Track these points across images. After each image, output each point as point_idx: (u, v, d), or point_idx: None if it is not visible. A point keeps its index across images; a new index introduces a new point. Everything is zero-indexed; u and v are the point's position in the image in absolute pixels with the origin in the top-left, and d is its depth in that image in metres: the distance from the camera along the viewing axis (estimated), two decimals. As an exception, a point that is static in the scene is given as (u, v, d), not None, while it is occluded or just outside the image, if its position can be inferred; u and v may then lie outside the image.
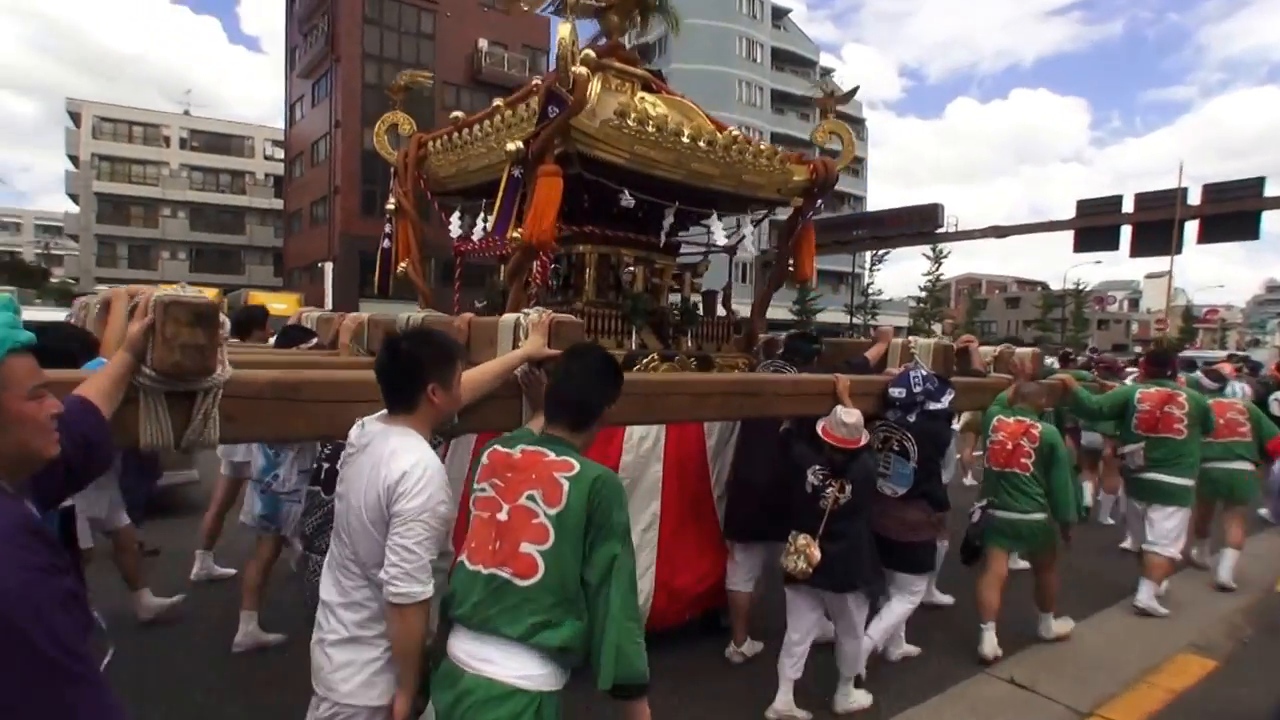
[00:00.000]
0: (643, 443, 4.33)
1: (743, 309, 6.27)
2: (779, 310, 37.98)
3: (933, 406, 4.37)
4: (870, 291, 44.73)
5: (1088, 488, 8.35)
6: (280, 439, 3.45)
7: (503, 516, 2.08)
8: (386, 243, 5.73)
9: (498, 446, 2.22)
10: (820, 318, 41.63)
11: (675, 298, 5.52)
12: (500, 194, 4.03)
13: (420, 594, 2.00)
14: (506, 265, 4.28)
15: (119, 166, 49.54)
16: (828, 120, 5.33)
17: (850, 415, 3.85)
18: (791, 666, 3.97)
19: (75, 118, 49.69)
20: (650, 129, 4.23)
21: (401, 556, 1.99)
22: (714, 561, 4.68)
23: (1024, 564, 5.54)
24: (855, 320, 42.47)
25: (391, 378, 2.18)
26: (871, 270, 44.65)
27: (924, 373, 4.46)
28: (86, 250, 47.32)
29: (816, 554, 3.74)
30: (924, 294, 46.36)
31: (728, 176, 4.71)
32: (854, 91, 5.42)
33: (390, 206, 5.52)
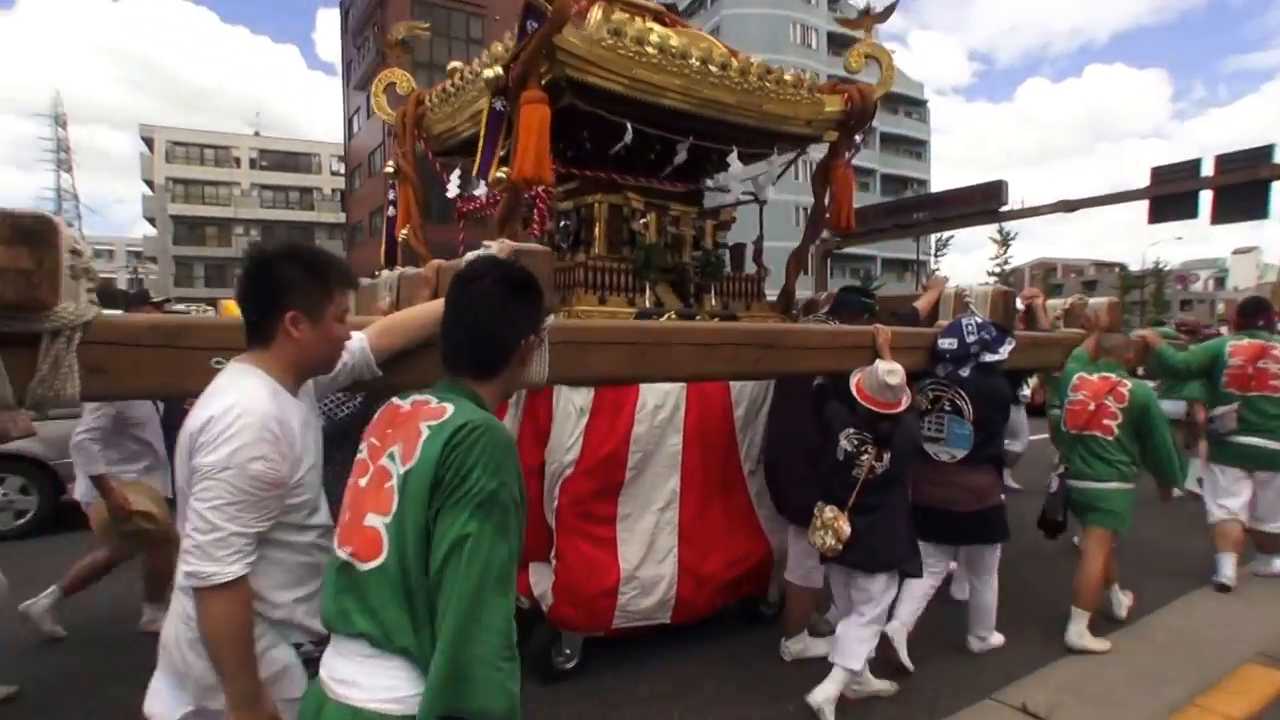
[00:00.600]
0: (658, 412, 3.82)
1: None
2: (839, 297, 36.90)
3: (989, 358, 3.76)
4: (937, 275, 43.11)
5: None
6: (165, 395, 2.95)
7: (364, 482, 1.57)
8: (392, 210, 5.36)
9: (394, 399, 1.70)
10: (884, 305, 40.27)
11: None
12: (482, 130, 3.56)
13: (215, 575, 1.53)
14: (495, 213, 3.80)
15: (192, 189, 51.39)
16: (863, 42, 4.70)
17: (894, 375, 3.28)
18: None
19: (149, 143, 51.71)
20: (650, 50, 3.71)
21: (195, 525, 1.55)
22: (749, 543, 4.16)
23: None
24: None
25: (244, 300, 1.70)
26: (936, 255, 42.96)
27: (979, 320, 3.85)
28: (165, 271, 49.17)
29: (846, 528, 3.24)
30: (993, 279, 44.44)
31: (747, 106, 4.15)
32: (892, 8, 4.78)
33: (389, 170, 5.13)
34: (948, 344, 3.81)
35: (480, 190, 4.31)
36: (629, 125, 3.79)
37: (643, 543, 3.82)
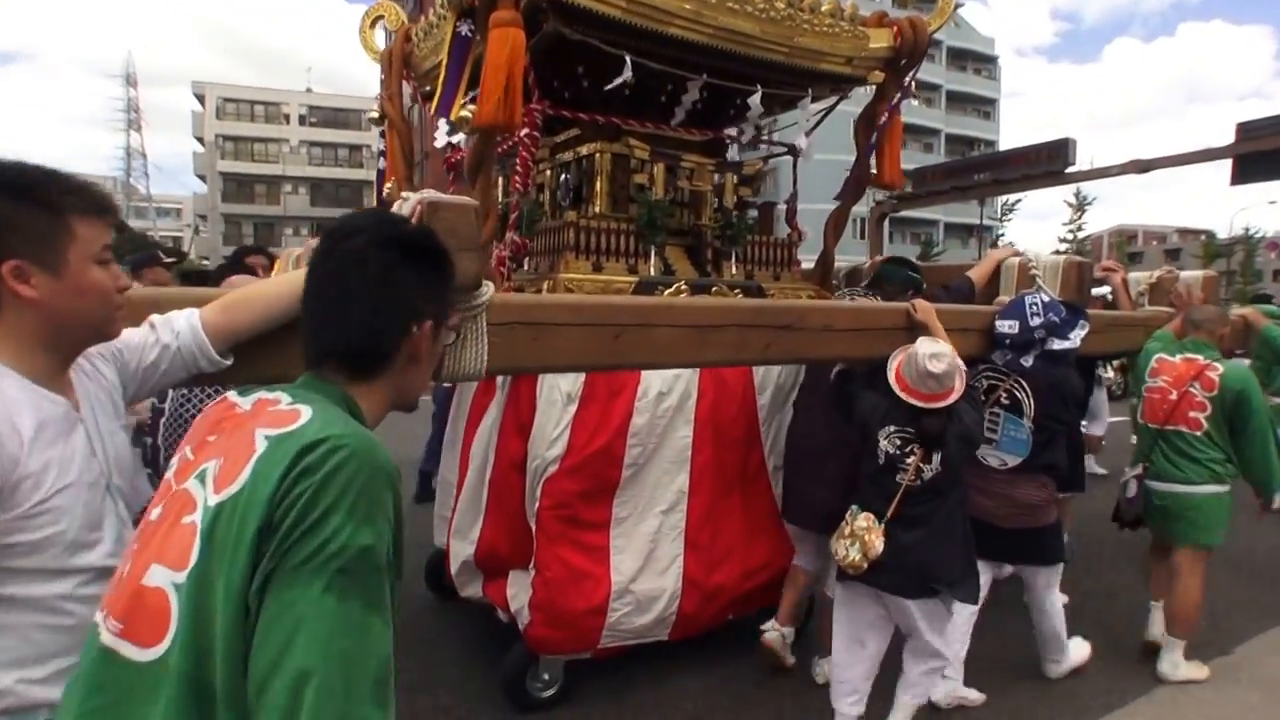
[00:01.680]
0: (663, 400, 3.33)
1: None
2: (898, 264, 35.61)
3: (1057, 345, 3.13)
4: (1002, 244, 41.10)
5: None
6: None
7: (156, 514, 1.05)
8: (382, 162, 4.88)
9: (229, 394, 1.19)
10: (945, 272, 38.71)
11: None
12: (444, 59, 3.04)
13: None
14: (465, 163, 3.29)
15: (242, 145, 51.69)
16: (917, -37, 4.02)
17: (938, 360, 2.67)
18: (850, 702, 2.87)
19: (201, 100, 52.09)
20: (653, -36, 3.11)
21: None
22: (771, 550, 3.67)
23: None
24: None
25: None
26: (1002, 220, 40.97)
27: (1045, 298, 3.20)
28: (214, 229, 49.73)
29: (877, 544, 2.65)
30: (1065, 246, 42.21)
31: (774, 39, 3.53)
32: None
33: (374, 115, 4.62)
34: (1008, 327, 3.19)
35: (460, 138, 3.80)
36: (628, 58, 3.21)
37: (641, 551, 3.35)
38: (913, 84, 4.33)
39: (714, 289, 3.74)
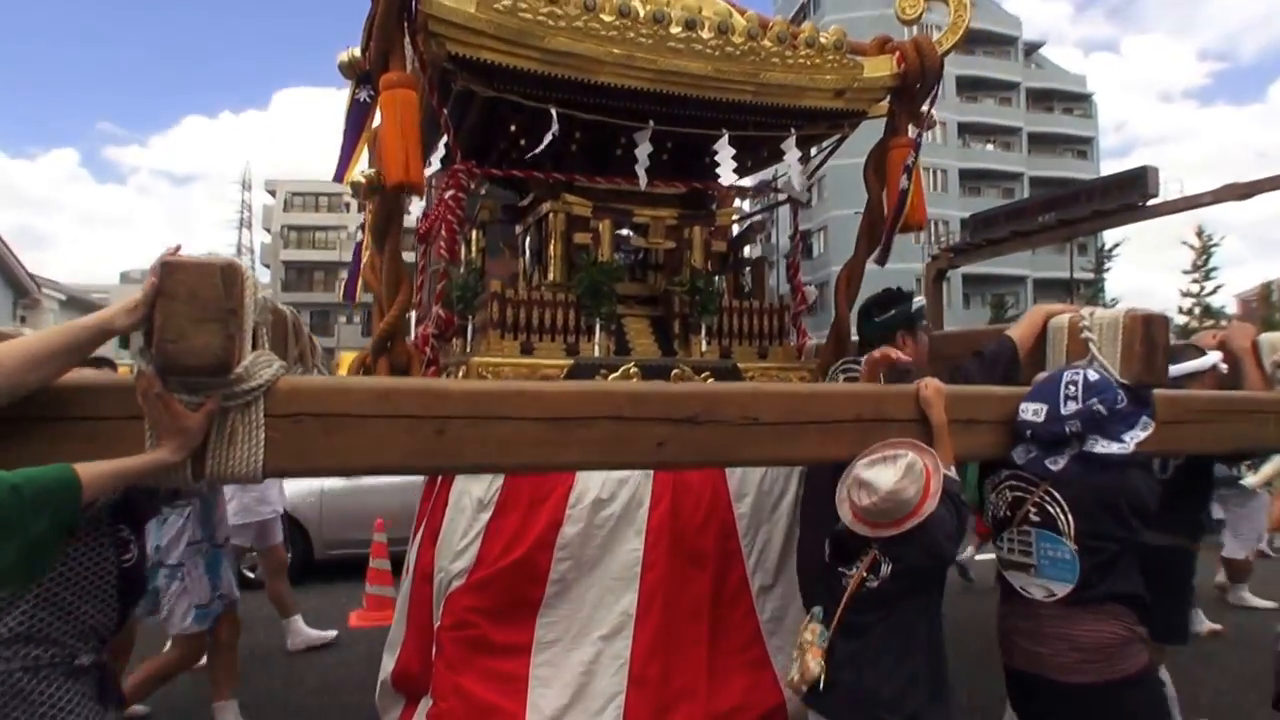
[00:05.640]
0: (601, 507, 3.01)
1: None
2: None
3: (1101, 448, 2.36)
4: (1101, 299, 35.90)
5: None
6: None
7: None
8: (361, 235, 4.79)
9: None
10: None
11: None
12: (342, 126, 2.94)
13: None
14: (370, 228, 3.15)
15: (304, 234, 54.76)
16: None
17: (870, 492, 2.16)
18: None
19: (274, 195, 55.78)
20: (570, 10, 2.90)
21: None
22: (749, 689, 3.15)
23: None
24: None
25: None
26: (1100, 270, 37.34)
27: (1093, 376, 2.43)
28: (276, 318, 52.27)
29: (813, 667, 2.23)
30: (1191, 299, 36.25)
31: (733, 78, 3.28)
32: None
33: (352, 180, 4.51)
34: (1031, 413, 2.43)
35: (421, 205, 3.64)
36: (553, 113, 3.00)
37: (570, 684, 2.95)
38: (931, 113, 3.99)
39: (674, 371, 3.40)
